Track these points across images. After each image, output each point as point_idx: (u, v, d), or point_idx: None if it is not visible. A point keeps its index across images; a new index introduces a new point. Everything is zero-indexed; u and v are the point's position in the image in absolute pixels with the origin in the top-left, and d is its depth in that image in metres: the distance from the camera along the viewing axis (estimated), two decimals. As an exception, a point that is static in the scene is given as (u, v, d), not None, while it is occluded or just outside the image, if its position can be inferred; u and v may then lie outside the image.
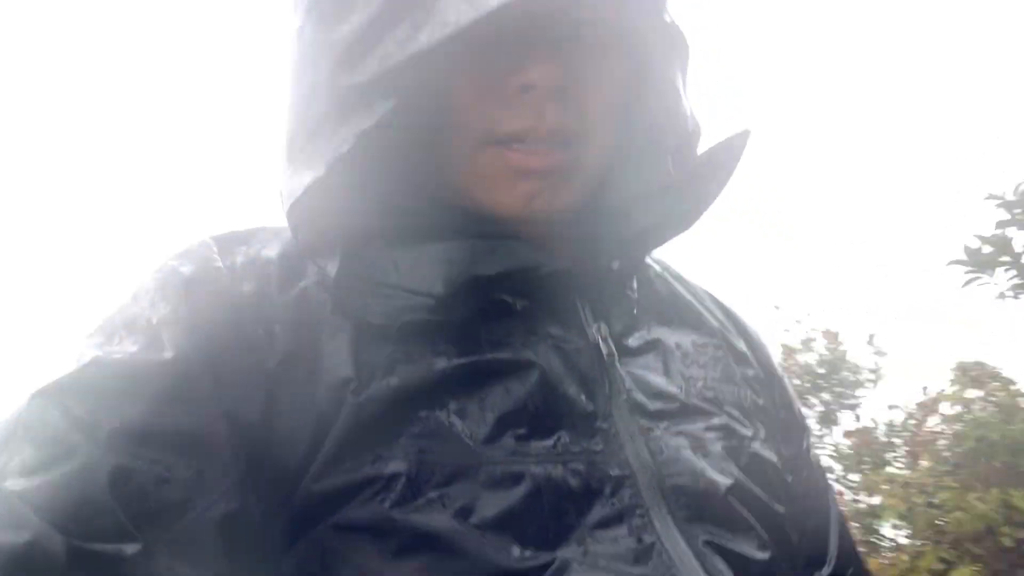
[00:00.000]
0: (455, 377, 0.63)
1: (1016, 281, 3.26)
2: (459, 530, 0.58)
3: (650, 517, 0.63)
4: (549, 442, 0.63)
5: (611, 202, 0.72)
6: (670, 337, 0.76)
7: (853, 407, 4.92)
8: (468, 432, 0.62)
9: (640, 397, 0.68)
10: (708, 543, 0.64)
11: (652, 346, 0.73)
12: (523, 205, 0.66)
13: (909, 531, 3.83)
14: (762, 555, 0.67)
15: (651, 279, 0.79)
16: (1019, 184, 3.19)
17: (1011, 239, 3.23)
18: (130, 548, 0.54)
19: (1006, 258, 3.25)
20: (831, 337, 5.04)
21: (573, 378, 0.66)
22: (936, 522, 3.57)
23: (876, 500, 4.02)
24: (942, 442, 3.96)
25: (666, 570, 0.61)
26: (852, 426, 4.74)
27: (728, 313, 0.84)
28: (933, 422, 4.20)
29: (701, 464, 0.68)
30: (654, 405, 0.69)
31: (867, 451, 4.28)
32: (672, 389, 0.71)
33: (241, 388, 0.60)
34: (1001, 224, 3.24)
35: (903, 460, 4.29)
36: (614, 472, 0.63)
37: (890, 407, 4.48)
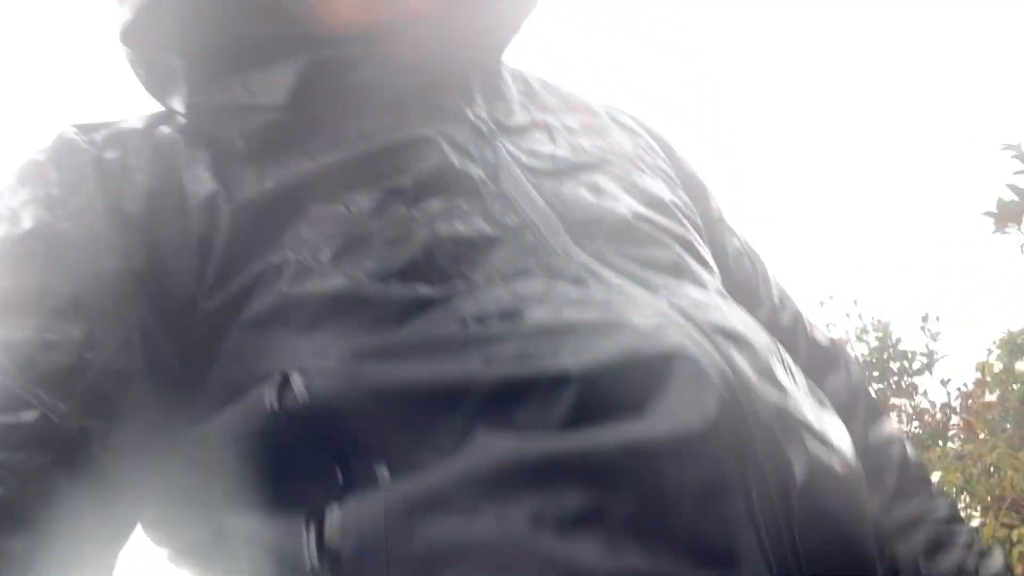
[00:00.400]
0: (330, 170, 0.63)
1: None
2: (360, 286, 0.58)
3: (554, 249, 0.62)
4: (440, 204, 0.62)
5: (464, 2, 0.70)
6: (553, 119, 0.75)
7: (910, 394, 4.94)
8: (354, 211, 0.61)
9: (528, 160, 0.68)
10: (617, 254, 0.64)
11: (535, 125, 0.73)
12: (366, 12, 0.65)
13: (972, 503, 3.85)
14: (672, 256, 0.67)
15: (528, 80, 0.79)
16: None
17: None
18: (28, 415, 0.54)
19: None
20: (882, 327, 5.08)
21: (455, 151, 0.65)
22: (993, 487, 3.60)
23: (935, 477, 4.05)
24: (990, 414, 3.99)
25: (577, 280, 0.61)
26: (910, 411, 4.76)
27: (612, 104, 0.86)
28: (987, 398, 4.23)
29: (599, 200, 0.68)
30: (544, 165, 0.68)
31: (926, 432, 4.32)
32: (561, 153, 0.71)
33: (117, 241, 0.60)
34: (1019, 173, 3.25)
35: (959, 436, 4.31)
36: (512, 222, 0.63)
37: (942, 381, 4.52)
